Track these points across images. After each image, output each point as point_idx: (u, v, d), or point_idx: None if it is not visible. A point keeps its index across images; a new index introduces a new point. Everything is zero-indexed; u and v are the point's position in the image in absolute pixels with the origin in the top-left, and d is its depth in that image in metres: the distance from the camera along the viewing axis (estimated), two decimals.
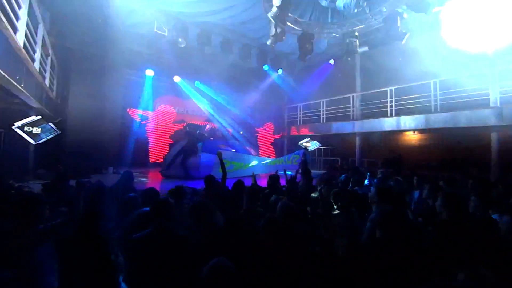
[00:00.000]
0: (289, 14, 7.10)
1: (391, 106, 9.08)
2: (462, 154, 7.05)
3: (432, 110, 7.88)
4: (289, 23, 7.66)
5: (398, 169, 6.17)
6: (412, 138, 10.32)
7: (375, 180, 4.55)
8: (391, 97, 9.10)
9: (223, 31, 9.04)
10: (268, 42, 7.47)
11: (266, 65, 10.78)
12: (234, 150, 9.97)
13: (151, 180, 7.89)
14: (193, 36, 8.27)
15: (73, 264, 1.67)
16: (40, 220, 1.77)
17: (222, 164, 4.03)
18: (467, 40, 7.26)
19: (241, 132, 12.80)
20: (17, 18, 3.55)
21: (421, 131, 9.52)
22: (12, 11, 3.28)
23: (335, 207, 2.77)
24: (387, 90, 9.24)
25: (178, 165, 8.17)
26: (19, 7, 3.60)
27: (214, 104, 12.31)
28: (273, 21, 6.77)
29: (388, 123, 9.11)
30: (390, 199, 2.64)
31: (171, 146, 10.25)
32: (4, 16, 2.97)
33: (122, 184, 3.64)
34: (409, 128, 8.80)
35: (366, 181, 4.53)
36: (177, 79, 10.95)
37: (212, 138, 10.16)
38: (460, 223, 2.05)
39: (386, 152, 9.40)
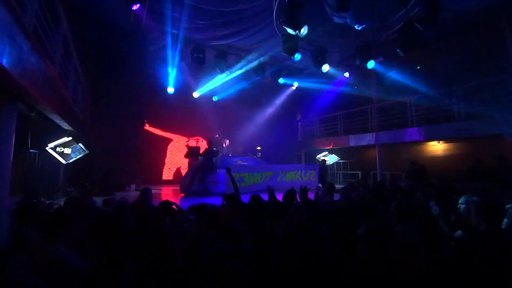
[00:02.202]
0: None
1: (411, 116, 8.81)
2: (494, 163, 6.57)
3: (456, 118, 7.54)
4: (302, 41, 7.83)
5: (424, 181, 5.87)
6: (437, 148, 9.85)
7: None
8: (411, 107, 8.85)
9: (238, 51, 9.45)
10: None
11: (281, 78, 11.01)
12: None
13: (171, 196, 8.08)
14: (210, 57, 8.75)
15: None
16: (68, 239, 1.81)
17: (232, 179, 4.10)
18: None
19: (259, 147, 12.88)
20: (54, 51, 3.97)
21: (446, 140, 9.09)
22: (50, 46, 3.69)
23: None
24: (406, 100, 9.01)
25: (197, 181, 8.31)
26: (55, 40, 4.04)
27: (231, 120, 12.59)
28: (286, 40, 6.97)
29: (409, 134, 8.81)
30: (412, 215, 2.54)
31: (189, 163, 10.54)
32: (44, 49, 3.35)
33: (141, 200, 3.81)
34: (432, 138, 8.43)
35: None
36: (196, 95, 11.41)
37: (230, 154, 10.29)
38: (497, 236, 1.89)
39: (409, 164, 9.01)
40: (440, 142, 9.45)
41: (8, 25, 1.99)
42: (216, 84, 11.01)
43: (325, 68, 8.77)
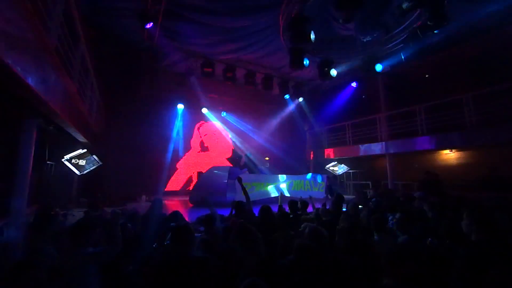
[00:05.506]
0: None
1: (421, 124, 8.69)
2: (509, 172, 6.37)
3: (468, 126, 7.38)
4: (308, 53, 7.98)
5: (437, 191, 5.73)
6: (450, 157, 9.62)
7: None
8: (420, 115, 8.74)
9: (246, 65, 9.68)
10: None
11: (287, 94, 11.11)
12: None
13: (180, 207, 8.14)
14: (219, 71, 9.00)
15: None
16: (89, 242, 1.97)
17: (243, 188, 4.18)
18: None
19: (267, 158, 12.91)
20: (72, 67, 4.21)
21: (459, 149, 8.88)
22: (69, 63, 3.91)
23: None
24: (415, 108, 8.92)
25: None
26: (75, 58, 4.28)
27: (240, 132, 12.73)
28: (292, 53, 7.12)
29: (419, 143, 8.66)
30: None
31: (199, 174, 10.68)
32: (64, 67, 3.56)
33: (153, 211, 3.89)
34: (444, 147, 8.26)
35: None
36: (204, 110, 11.64)
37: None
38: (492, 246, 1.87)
39: (421, 174, 8.81)
40: (453, 150, 9.24)
41: (35, 48, 2.16)
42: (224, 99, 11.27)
43: (334, 73, 8.76)
